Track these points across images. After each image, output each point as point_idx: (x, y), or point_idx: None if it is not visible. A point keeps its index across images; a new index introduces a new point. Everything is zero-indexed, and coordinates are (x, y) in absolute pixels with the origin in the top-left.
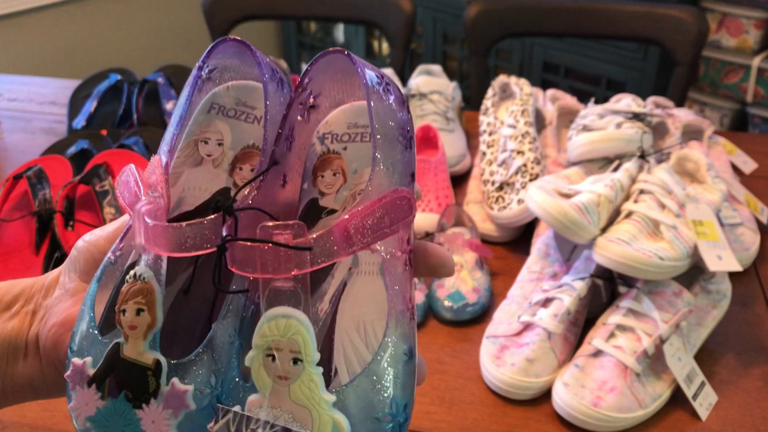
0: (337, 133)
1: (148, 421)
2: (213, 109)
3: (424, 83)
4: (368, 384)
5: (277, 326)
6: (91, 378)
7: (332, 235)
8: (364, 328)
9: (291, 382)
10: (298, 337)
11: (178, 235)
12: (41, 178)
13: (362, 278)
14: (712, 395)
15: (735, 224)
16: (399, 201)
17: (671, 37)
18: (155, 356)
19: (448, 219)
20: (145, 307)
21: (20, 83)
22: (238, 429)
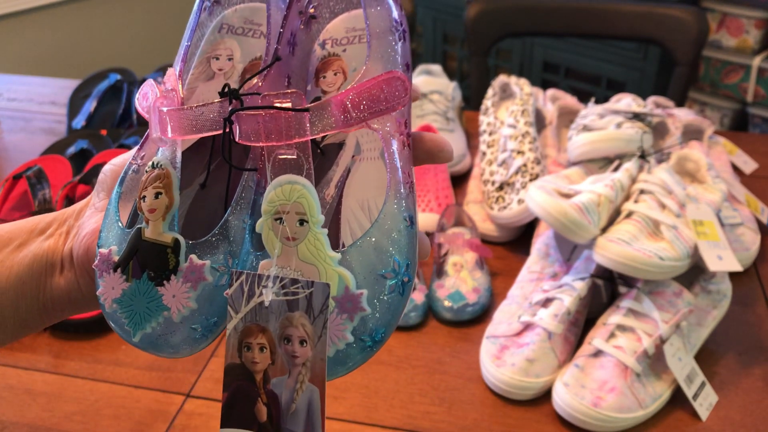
0: (336, 37)
1: (169, 296)
2: (223, 29)
3: (424, 83)
4: (370, 245)
5: (283, 192)
6: (116, 264)
7: (330, 106)
8: (368, 206)
9: (298, 243)
10: (303, 200)
11: (188, 116)
12: (41, 178)
13: (365, 164)
14: (712, 395)
15: (735, 224)
16: (393, 81)
17: (671, 37)
18: (174, 235)
19: (448, 219)
20: (162, 190)
21: (20, 83)
22: (250, 289)
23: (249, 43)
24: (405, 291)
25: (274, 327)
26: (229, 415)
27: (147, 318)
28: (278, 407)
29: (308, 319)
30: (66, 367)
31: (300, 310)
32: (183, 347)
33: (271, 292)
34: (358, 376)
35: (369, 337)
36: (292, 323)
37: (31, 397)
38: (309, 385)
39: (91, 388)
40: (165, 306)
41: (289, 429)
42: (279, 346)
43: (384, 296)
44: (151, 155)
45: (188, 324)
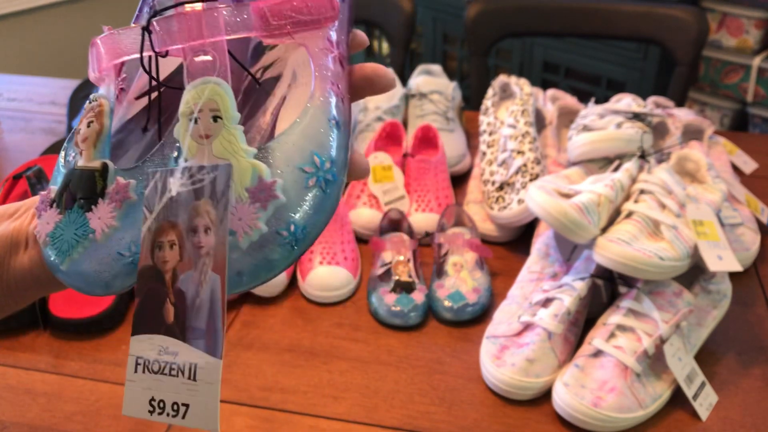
0: None
1: (95, 219)
2: None
3: (424, 83)
4: (289, 141)
5: (197, 92)
6: (52, 199)
7: (248, 8)
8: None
9: (213, 140)
10: (216, 97)
11: (114, 40)
12: (41, 178)
13: (299, 89)
14: (712, 395)
15: (735, 224)
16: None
17: (671, 37)
18: (103, 160)
19: (448, 219)
20: (94, 118)
21: (20, 83)
22: (163, 185)
23: None
24: (328, 189)
25: (183, 220)
26: (139, 321)
27: (74, 244)
28: (184, 305)
29: (213, 205)
30: (66, 367)
31: (205, 196)
32: (112, 279)
33: (178, 182)
34: (358, 376)
35: (288, 231)
36: (198, 212)
37: (31, 397)
38: (211, 275)
39: (91, 389)
40: (91, 228)
41: (193, 326)
42: (187, 239)
43: (303, 190)
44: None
45: (114, 247)
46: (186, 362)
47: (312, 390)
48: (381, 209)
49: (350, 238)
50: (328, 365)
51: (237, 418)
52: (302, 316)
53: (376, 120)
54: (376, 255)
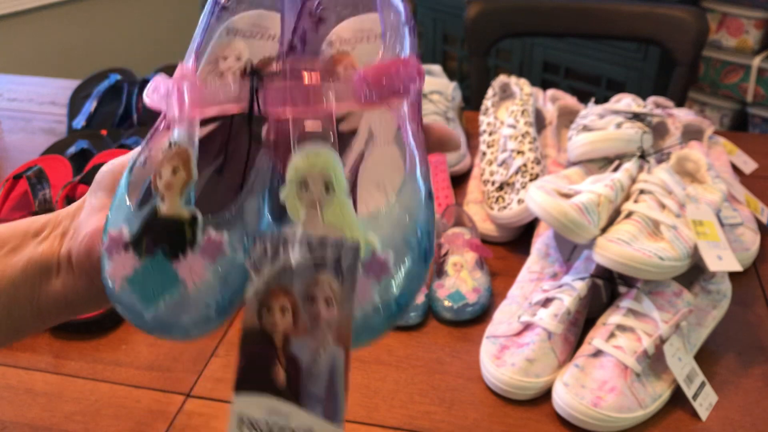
0: (344, 37)
1: (186, 269)
2: (230, 32)
3: (424, 83)
4: (395, 214)
5: (308, 159)
6: (127, 242)
7: (352, 79)
8: (384, 186)
9: (324, 208)
10: (329, 167)
11: (210, 90)
12: (41, 178)
13: (379, 148)
14: (712, 395)
15: (735, 224)
16: (409, 66)
17: (671, 37)
18: (191, 210)
19: (448, 219)
20: (180, 165)
21: (20, 83)
22: (274, 251)
23: (257, 44)
24: (427, 260)
25: (299, 289)
26: (244, 380)
27: (160, 292)
28: (298, 370)
29: (336, 279)
30: (66, 367)
31: (327, 270)
32: (193, 328)
33: (297, 252)
34: (358, 375)
35: (394, 302)
36: (318, 283)
37: (32, 397)
38: (332, 347)
39: (91, 388)
40: (180, 279)
41: (310, 391)
42: (303, 307)
43: (408, 262)
44: (159, 146)
45: (203, 299)
46: (300, 425)
47: None
48: None
49: None
50: None
51: None
52: None
53: None
54: None
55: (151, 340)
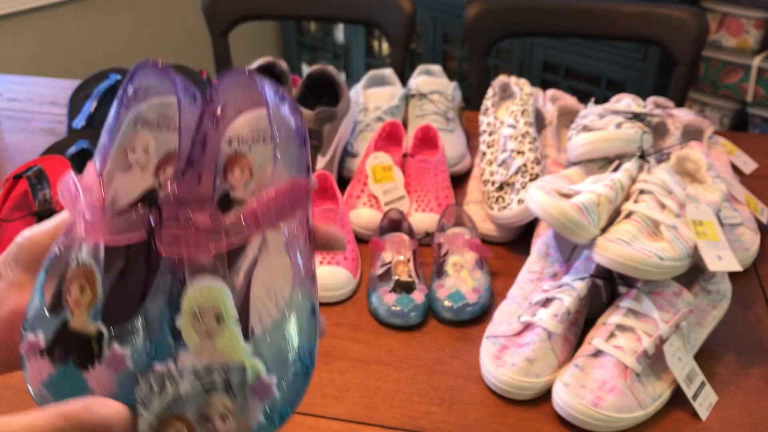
0: (242, 135)
1: (93, 380)
2: (138, 122)
3: (424, 83)
4: (279, 335)
5: (201, 293)
6: (42, 349)
7: (244, 219)
8: (274, 294)
9: (215, 338)
10: (220, 302)
11: (113, 224)
12: (41, 178)
13: (270, 255)
14: (712, 395)
15: (735, 224)
16: (297, 188)
17: (671, 37)
18: (97, 326)
19: (448, 219)
20: (86, 284)
21: (20, 83)
22: (161, 386)
23: (163, 136)
24: (308, 374)
25: (193, 413)
26: None
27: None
28: None
29: (228, 397)
30: None
31: (218, 391)
32: None
33: (188, 383)
34: (358, 375)
35: (278, 416)
36: (211, 404)
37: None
38: None
39: None
40: (89, 388)
41: None
42: (199, 428)
43: (291, 380)
44: (72, 245)
45: None
46: None
47: (312, 390)
48: (381, 209)
49: (350, 238)
50: (328, 365)
51: None
52: None
53: (376, 120)
54: (376, 255)
55: None
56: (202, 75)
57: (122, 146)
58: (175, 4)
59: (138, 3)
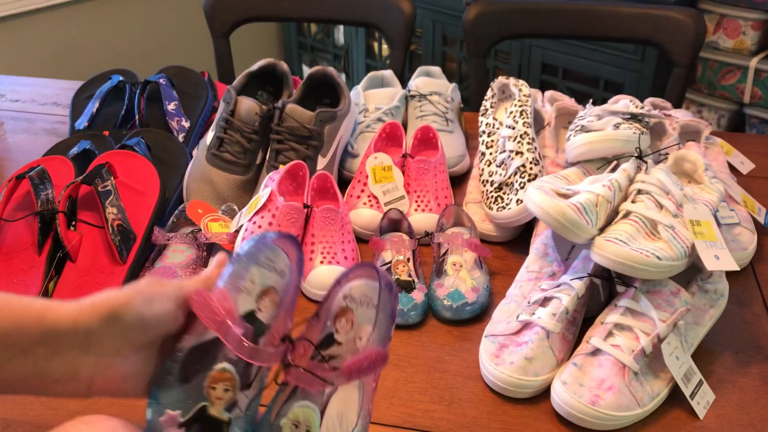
0: (354, 296)
1: None
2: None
3: (424, 84)
4: None
5: (303, 412)
6: (181, 423)
7: (343, 371)
8: (344, 420)
9: None
10: (312, 421)
11: (258, 352)
12: (44, 178)
13: (347, 390)
14: (709, 394)
15: (732, 224)
16: (381, 357)
17: (669, 39)
18: (229, 416)
19: (448, 219)
20: (231, 387)
21: (23, 84)
22: None
23: (266, 273)
24: None
25: None
26: None
27: None
28: None
29: None
30: None
31: None
32: None
33: None
34: None
35: None
36: None
37: (35, 396)
38: None
39: None
40: None
41: None
42: None
43: None
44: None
45: None
46: None
47: None
48: (381, 209)
49: (350, 237)
50: None
51: None
52: (302, 315)
53: (376, 121)
54: (376, 254)
55: None
56: (203, 76)
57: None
58: (176, 6)
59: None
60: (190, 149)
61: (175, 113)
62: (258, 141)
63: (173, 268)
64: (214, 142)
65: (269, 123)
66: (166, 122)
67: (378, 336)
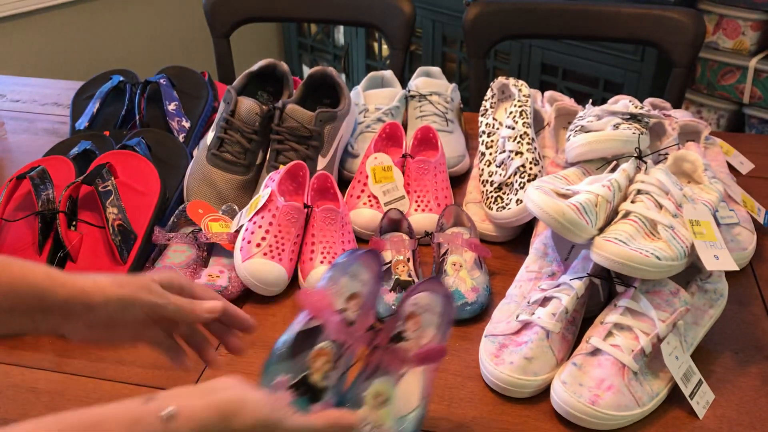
0: (421, 304)
1: (315, 410)
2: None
3: (424, 85)
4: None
5: (383, 386)
6: (289, 386)
7: (413, 358)
8: (409, 398)
9: (378, 409)
10: (390, 393)
11: (351, 334)
12: (44, 178)
13: (414, 374)
14: (709, 393)
15: (732, 224)
16: (442, 350)
17: (669, 39)
18: (325, 384)
19: (448, 219)
20: (328, 362)
21: (24, 84)
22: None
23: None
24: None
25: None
26: None
27: None
28: None
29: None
30: (69, 366)
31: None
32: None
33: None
34: None
35: None
36: None
37: (35, 396)
38: None
39: (94, 387)
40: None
41: None
42: None
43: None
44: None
45: None
46: None
47: None
48: (381, 209)
49: (350, 237)
50: None
51: None
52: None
53: (376, 121)
54: None
55: None
56: (203, 76)
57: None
58: (177, 6)
59: (140, 5)
60: (190, 149)
61: (175, 113)
62: (258, 141)
63: (173, 267)
64: (215, 142)
65: (269, 123)
66: (167, 122)
67: (439, 335)
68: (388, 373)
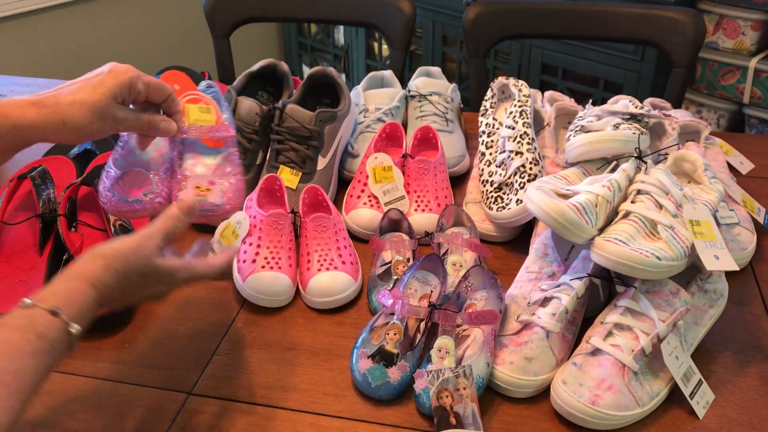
0: (476, 297)
1: (391, 373)
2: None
3: (424, 85)
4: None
5: (443, 341)
6: (369, 355)
7: (469, 317)
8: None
9: (444, 360)
10: (450, 347)
11: (418, 311)
12: (45, 178)
13: (473, 330)
14: (709, 393)
15: (732, 224)
16: (493, 314)
17: (669, 39)
18: (396, 351)
19: (448, 219)
20: (399, 333)
21: (23, 84)
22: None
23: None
24: (482, 385)
25: (450, 386)
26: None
27: (379, 377)
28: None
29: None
30: (69, 366)
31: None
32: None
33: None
34: None
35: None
36: (459, 382)
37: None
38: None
39: (94, 387)
40: (388, 376)
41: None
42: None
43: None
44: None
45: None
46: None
47: (313, 388)
48: (381, 209)
49: (347, 243)
50: (329, 363)
51: (238, 416)
52: (303, 315)
53: (376, 121)
54: (376, 254)
55: (153, 339)
56: (203, 76)
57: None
58: (177, 6)
59: (140, 5)
60: None
61: None
62: (258, 141)
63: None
64: None
65: (269, 123)
66: None
67: (494, 305)
68: (447, 330)
